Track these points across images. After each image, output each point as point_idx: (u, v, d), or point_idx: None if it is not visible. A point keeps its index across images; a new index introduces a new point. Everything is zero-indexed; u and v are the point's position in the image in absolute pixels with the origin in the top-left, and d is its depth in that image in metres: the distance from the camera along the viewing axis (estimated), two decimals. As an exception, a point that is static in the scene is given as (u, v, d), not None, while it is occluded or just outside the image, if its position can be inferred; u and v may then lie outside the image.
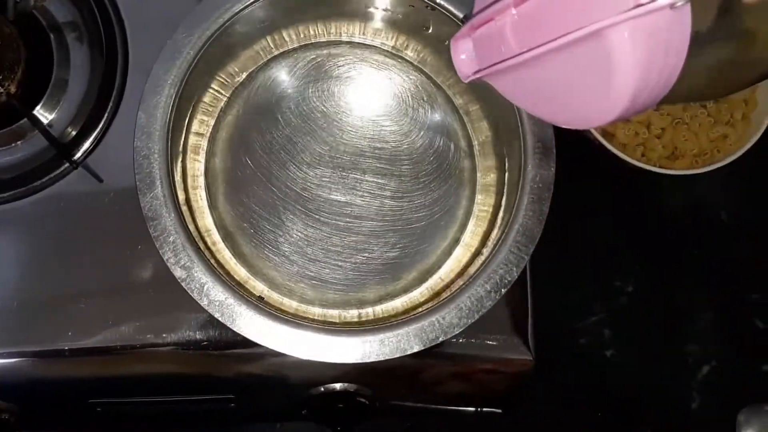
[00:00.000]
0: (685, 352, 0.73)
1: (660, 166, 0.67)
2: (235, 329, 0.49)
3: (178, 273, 0.49)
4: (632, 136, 0.67)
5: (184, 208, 0.52)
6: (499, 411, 0.66)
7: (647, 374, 0.73)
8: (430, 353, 0.52)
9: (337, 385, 0.59)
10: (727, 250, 0.74)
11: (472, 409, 0.66)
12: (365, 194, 0.60)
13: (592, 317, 0.73)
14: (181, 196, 0.53)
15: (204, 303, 0.49)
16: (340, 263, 0.58)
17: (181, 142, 0.56)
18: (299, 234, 0.59)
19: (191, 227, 0.52)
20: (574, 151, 0.56)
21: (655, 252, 0.73)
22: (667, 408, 0.73)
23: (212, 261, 0.51)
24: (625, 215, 0.74)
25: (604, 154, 0.66)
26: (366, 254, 0.59)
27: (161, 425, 0.65)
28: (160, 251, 0.50)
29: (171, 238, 0.50)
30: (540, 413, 0.73)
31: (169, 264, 0.50)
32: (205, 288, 0.49)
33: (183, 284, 0.49)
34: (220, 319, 0.49)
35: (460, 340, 0.57)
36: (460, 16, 0.54)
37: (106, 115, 0.60)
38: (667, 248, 0.73)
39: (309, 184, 0.59)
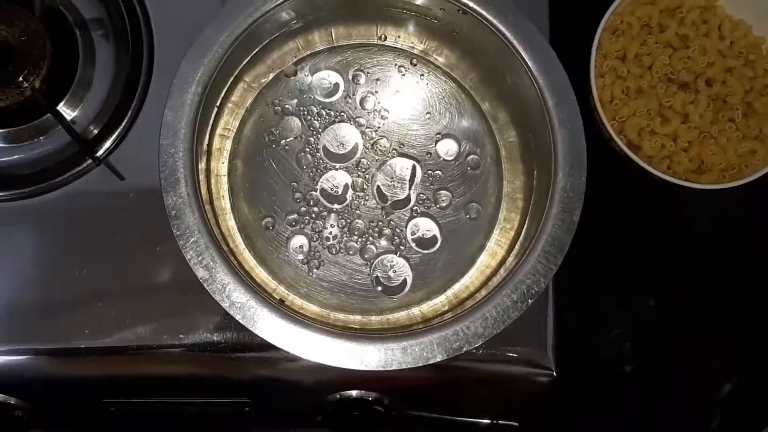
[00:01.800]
0: (706, 369, 0.72)
1: (686, 180, 0.66)
2: (256, 332, 0.49)
3: (201, 273, 0.49)
4: (659, 148, 0.66)
5: (207, 209, 0.52)
6: (516, 424, 0.65)
7: (667, 390, 0.71)
8: (450, 363, 0.51)
9: (354, 393, 0.59)
10: (752, 266, 0.72)
11: (488, 421, 0.65)
12: (389, 199, 0.59)
13: (613, 331, 0.72)
14: (205, 197, 0.53)
15: (225, 304, 0.49)
16: (361, 268, 0.58)
17: (206, 142, 0.56)
18: (321, 238, 0.58)
19: (213, 228, 0.51)
20: (598, 162, 0.55)
21: (678, 266, 0.72)
22: (687, 425, 0.72)
23: (234, 262, 0.51)
24: (649, 228, 0.72)
25: (629, 166, 0.65)
26: (388, 260, 0.58)
27: (174, 428, 0.64)
28: (182, 250, 0.49)
29: (194, 238, 0.49)
30: (556, 427, 0.72)
31: (191, 264, 0.49)
32: (227, 289, 0.49)
33: (205, 285, 0.49)
34: (241, 321, 0.49)
35: (480, 351, 0.56)
36: (492, 19, 0.53)
37: (129, 113, 0.60)
38: (691, 263, 0.72)
39: (332, 187, 0.59)
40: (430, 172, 0.60)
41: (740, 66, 0.67)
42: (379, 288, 0.57)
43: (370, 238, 0.58)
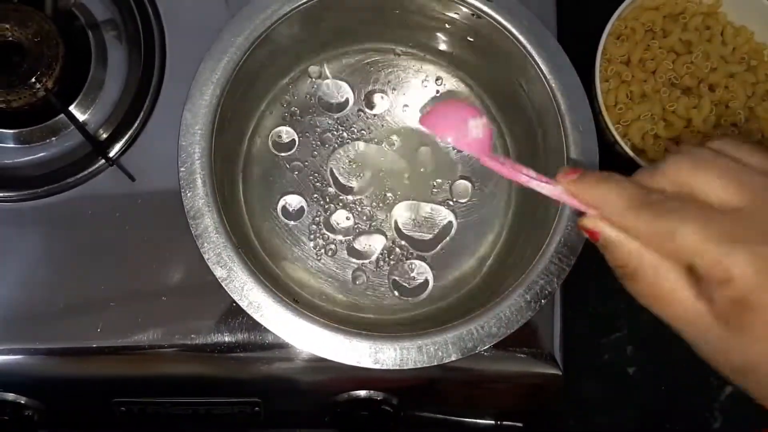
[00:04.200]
0: (708, 372, 0.71)
1: (689, 183, 0.66)
2: (273, 331, 0.49)
3: (219, 273, 0.49)
4: (662, 152, 0.67)
5: (223, 209, 0.52)
6: (520, 425, 0.65)
7: (669, 393, 0.72)
8: (459, 363, 0.51)
9: (362, 393, 0.59)
10: (753, 269, 0.73)
11: (492, 422, 0.65)
12: (402, 201, 0.60)
13: (616, 333, 0.72)
14: (220, 198, 0.53)
15: (243, 303, 0.49)
16: (374, 269, 0.58)
17: (222, 143, 0.56)
18: (334, 239, 0.58)
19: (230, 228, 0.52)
20: (604, 165, 0.56)
21: (681, 269, 0.73)
22: (689, 427, 0.73)
23: (250, 263, 0.51)
24: (653, 231, 0.73)
25: (633, 168, 0.66)
26: (401, 261, 0.58)
27: (184, 428, 0.64)
28: (201, 250, 0.49)
29: (213, 237, 0.50)
30: (560, 428, 0.72)
31: (209, 263, 0.49)
32: (245, 288, 0.49)
33: (223, 284, 0.49)
34: (258, 319, 0.49)
35: (490, 352, 0.57)
36: (506, 24, 0.54)
37: (141, 115, 0.60)
38: (694, 266, 0.73)
39: (345, 189, 0.59)
40: (441, 174, 0.60)
41: (743, 71, 0.68)
42: (396, 292, 0.58)
43: (384, 239, 0.59)
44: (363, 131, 0.60)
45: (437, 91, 0.61)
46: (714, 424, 0.72)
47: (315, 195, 0.59)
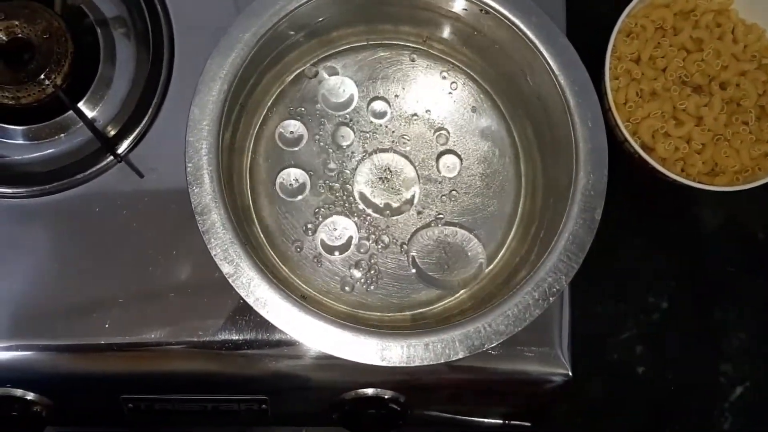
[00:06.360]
0: (718, 372, 0.72)
1: (699, 182, 0.66)
2: (279, 327, 0.49)
3: (226, 269, 0.49)
4: (672, 150, 0.67)
5: (230, 205, 0.52)
6: (528, 424, 0.65)
7: (679, 393, 0.72)
8: (466, 362, 0.51)
9: (369, 391, 0.59)
10: (764, 268, 0.73)
11: (500, 421, 0.65)
12: (409, 197, 0.59)
13: (625, 333, 0.72)
14: (228, 194, 0.53)
15: (250, 300, 0.49)
16: (380, 267, 0.58)
17: (229, 140, 0.56)
18: (339, 236, 0.58)
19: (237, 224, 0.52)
20: (613, 163, 0.55)
21: (691, 269, 0.72)
22: (699, 428, 0.72)
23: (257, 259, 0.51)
24: (662, 230, 0.73)
25: (643, 168, 0.66)
26: (408, 257, 0.58)
27: (192, 425, 0.64)
28: (207, 246, 0.49)
29: (220, 233, 0.50)
30: (568, 428, 0.72)
31: (216, 259, 0.49)
32: (252, 284, 0.49)
33: (230, 280, 0.49)
34: (265, 316, 0.49)
35: (497, 351, 0.57)
36: (514, 20, 0.54)
37: (149, 112, 0.60)
38: (704, 265, 0.73)
39: (352, 185, 0.59)
40: (449, 170, 0.60)
41: (754, 69, 0.67)
42: (396, 278, 0.58)
43: (390, 236, 0.59)
44: (370, 129, 0.60)
45: (449, 93, 0.61)
46: (724, 424, 0.72)
47: (321, 191, 0.59)
